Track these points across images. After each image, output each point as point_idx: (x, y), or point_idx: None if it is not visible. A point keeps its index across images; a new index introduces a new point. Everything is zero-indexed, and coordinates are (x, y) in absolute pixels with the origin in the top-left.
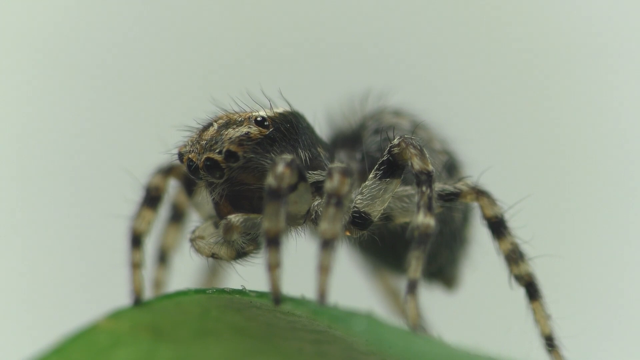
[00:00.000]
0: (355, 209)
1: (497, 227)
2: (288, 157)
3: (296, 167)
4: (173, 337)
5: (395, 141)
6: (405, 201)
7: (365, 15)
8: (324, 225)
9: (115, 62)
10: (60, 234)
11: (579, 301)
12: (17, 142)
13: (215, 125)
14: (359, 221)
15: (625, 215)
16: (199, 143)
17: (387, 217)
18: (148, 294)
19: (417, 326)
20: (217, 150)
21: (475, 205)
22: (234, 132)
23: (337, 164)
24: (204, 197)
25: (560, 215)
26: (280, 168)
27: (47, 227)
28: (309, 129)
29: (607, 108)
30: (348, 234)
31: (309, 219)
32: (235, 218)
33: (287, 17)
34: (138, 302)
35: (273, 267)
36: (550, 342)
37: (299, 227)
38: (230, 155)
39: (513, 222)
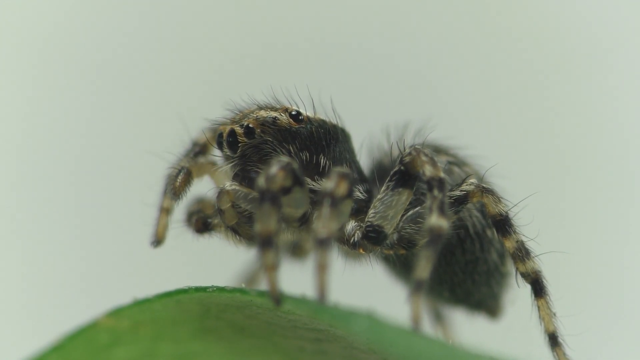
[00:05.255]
0: (369, 223)
1: (502, 225)
2: (284, 159)
3: (291, 170)
4: (173, 335)
5: (407, 151)
6: (419, 222)
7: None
8: (318, 225)
9: (123, 65)
10: (60, 233)
11: (583, 299)
12: (17, 142)
13: (255, 107)
14: (372, 235)
15: (631, 213)
16: (233, 117)
17: (409, 242)
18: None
19: (419, 325)
20: (240, 124)
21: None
22: (264, 114)
23: (339, 168)
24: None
25: (566, 212)
26: (274, 170)
27: (47, 226)
28: (346, 149)
29: (613, 107)
30: (362, 251)
31: (305, 223)
32: (229, 185)
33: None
34: (158, 244)
35: (269, 268)
36: (554, 340)
37: (295, 230)
38: (248, 131)
39: (518, 220)
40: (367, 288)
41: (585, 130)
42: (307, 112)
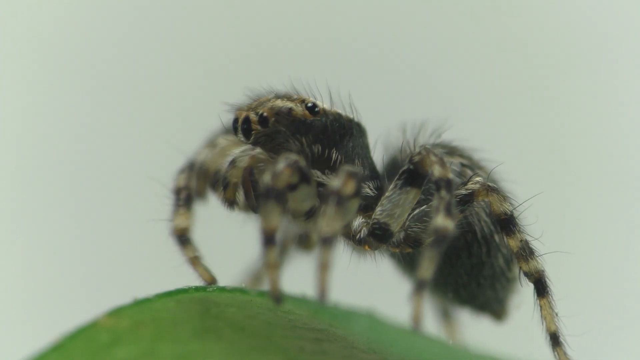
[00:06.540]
0: (375, 220)
1: (507, 224)
2: (292, 156)
3: (298, 168)
4: (173, 335)
5: (417, 150)
6: (425, 221)
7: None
8: (322, 223)
9: (121, 67)
10: (60, 233)
11: (586, 299)
12: (17, 142)
13: (273, 95)
14: (378, 232)
15: (635, 214)
16: (250, 104)
17: (415, 240)
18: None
19: (419, 325)
20: (255, 112)
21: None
22: (280, 103)
23: (348, 167)
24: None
25: (571, 213)
26: (281, 166)
27: (47, 226)
28: (359, 144)
29: (618, 108)
30: (367, 248)
31: (313, 216)
32: (257, 152)
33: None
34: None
35: (271, 266)
36: (555, 340)
37: (302, 223)
38: (262, 119)
39: (523, 219)
40: (367, 288)
41: (591, 131)
42: (324, 104)
